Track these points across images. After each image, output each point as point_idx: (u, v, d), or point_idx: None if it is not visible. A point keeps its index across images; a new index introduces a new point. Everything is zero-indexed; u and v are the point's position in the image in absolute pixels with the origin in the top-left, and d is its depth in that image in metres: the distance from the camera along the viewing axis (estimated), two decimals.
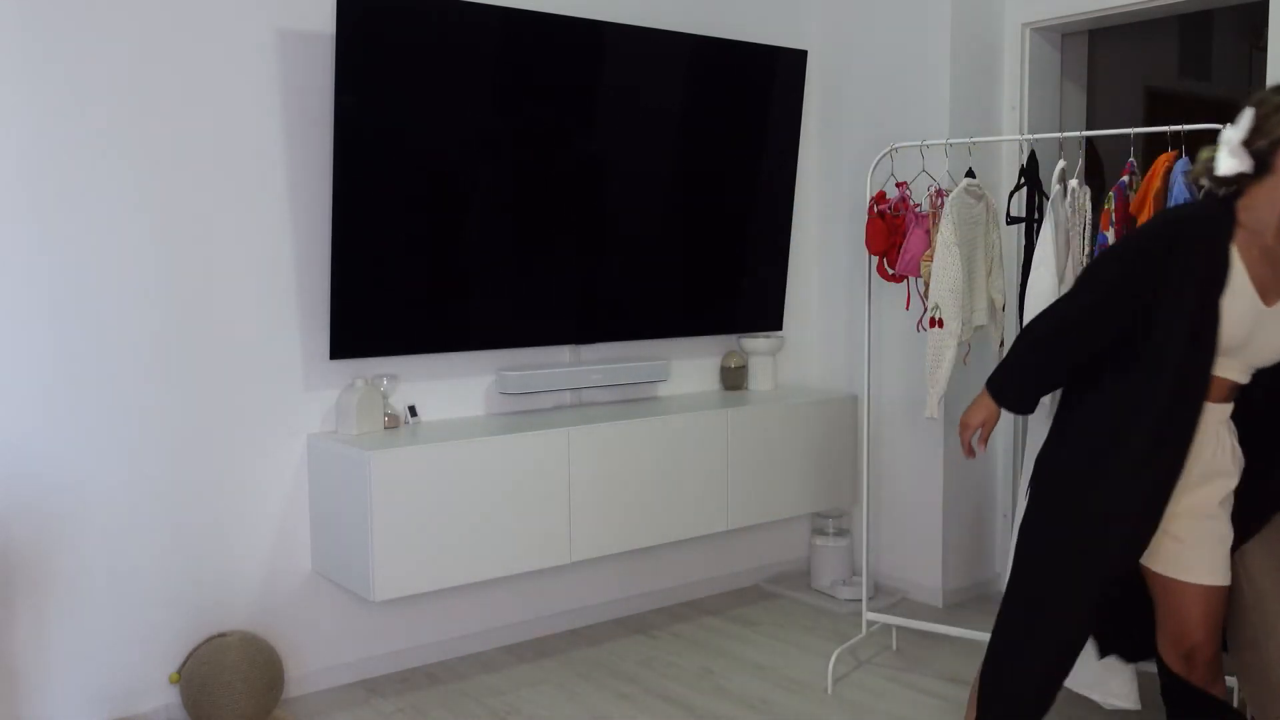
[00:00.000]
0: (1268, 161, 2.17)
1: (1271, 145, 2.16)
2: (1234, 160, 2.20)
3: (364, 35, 3.23)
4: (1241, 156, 2.19)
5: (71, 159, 3.02)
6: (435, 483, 3.29)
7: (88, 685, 3.14)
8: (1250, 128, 2.19)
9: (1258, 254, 2.19)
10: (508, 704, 3.39)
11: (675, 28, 4.05)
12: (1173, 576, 2.32)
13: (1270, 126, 2.16)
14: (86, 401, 3.08)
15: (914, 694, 3.47)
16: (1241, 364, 2.24)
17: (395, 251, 3.43)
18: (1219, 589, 2.31)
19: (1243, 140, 2.20)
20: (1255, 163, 2.19)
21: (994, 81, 4.25)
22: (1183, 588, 2.31)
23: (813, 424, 4.23)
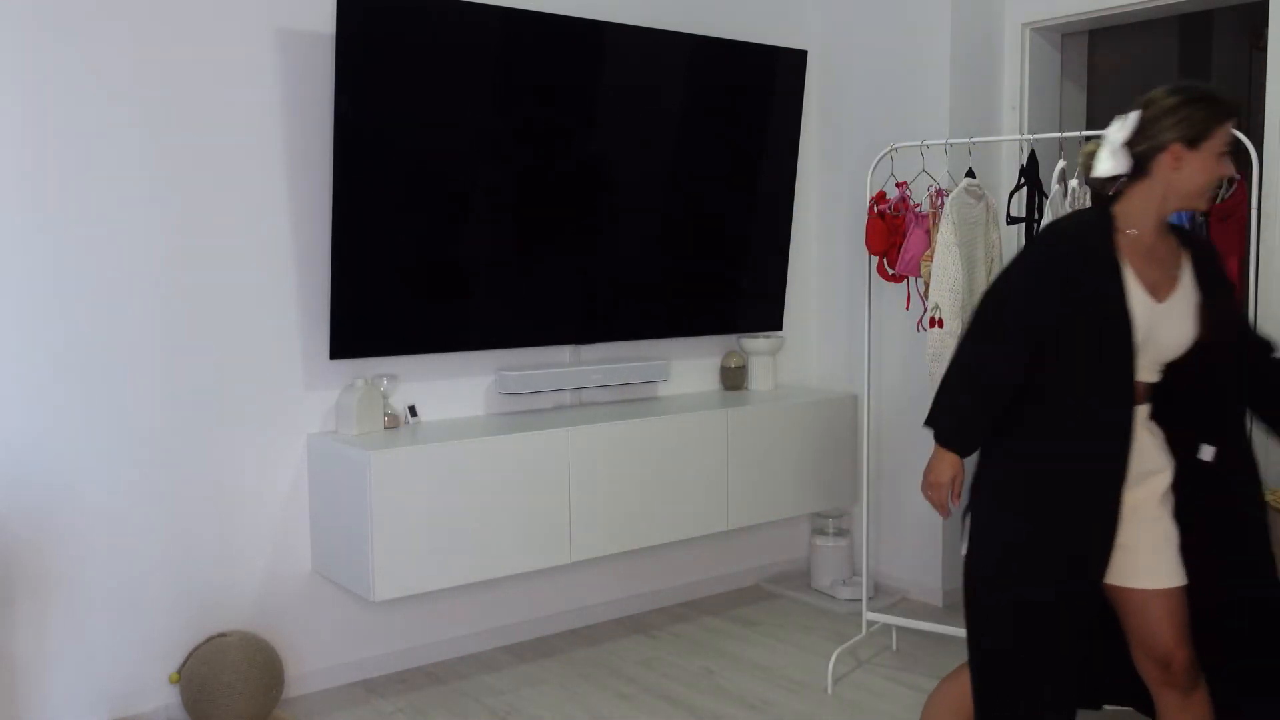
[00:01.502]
0: (1146, 165, 2.21)
1: (1152, 149, 2.20)
2: (1113, 162, 2.23)
3: (364, 35, 3.23)
4: (1122, 158, 2.23)
5: (71, 159, 3.02)
6: (435, 483, 3.28)
7: (88, 685, 3.14)
8: (1134, 130, 2.22)
9: (1141, 254, 2.23)
10: (508, 704, 3.39)
11: (675, 28, 4.05)
12: (1130, 586, 2.27)
13: (1155, 131, 2.19)
14: (86, 402, 3.08)
15: (914, 694, 3.46)
16: (1149, 363, 2.25)
17: (395, 251, 3.43)
18: (1177, 590, 2.26)
19: (1125, 142, 2.23)
20: (1134, 165, 2.22)
21: (994, 81, 4.25)
22: (1142, 596, 2.27)
23: (813, 424, 4.23)
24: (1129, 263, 2.21)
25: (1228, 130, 2.20)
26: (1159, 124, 2.19)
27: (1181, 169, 2.19)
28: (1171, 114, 2.18)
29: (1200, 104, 2.18)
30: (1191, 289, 2.27)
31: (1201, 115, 2.17)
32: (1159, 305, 2.22)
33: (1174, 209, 2.24)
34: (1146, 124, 2.21)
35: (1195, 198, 2.24)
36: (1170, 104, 2.19)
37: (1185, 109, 2.18)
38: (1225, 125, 2.19)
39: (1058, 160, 3.09)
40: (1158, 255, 2.25)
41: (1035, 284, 2.24)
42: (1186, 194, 2.22)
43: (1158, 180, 2.21)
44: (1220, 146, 2.20)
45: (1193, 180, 2.20)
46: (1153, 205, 2.23)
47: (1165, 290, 2.24)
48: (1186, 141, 2.18)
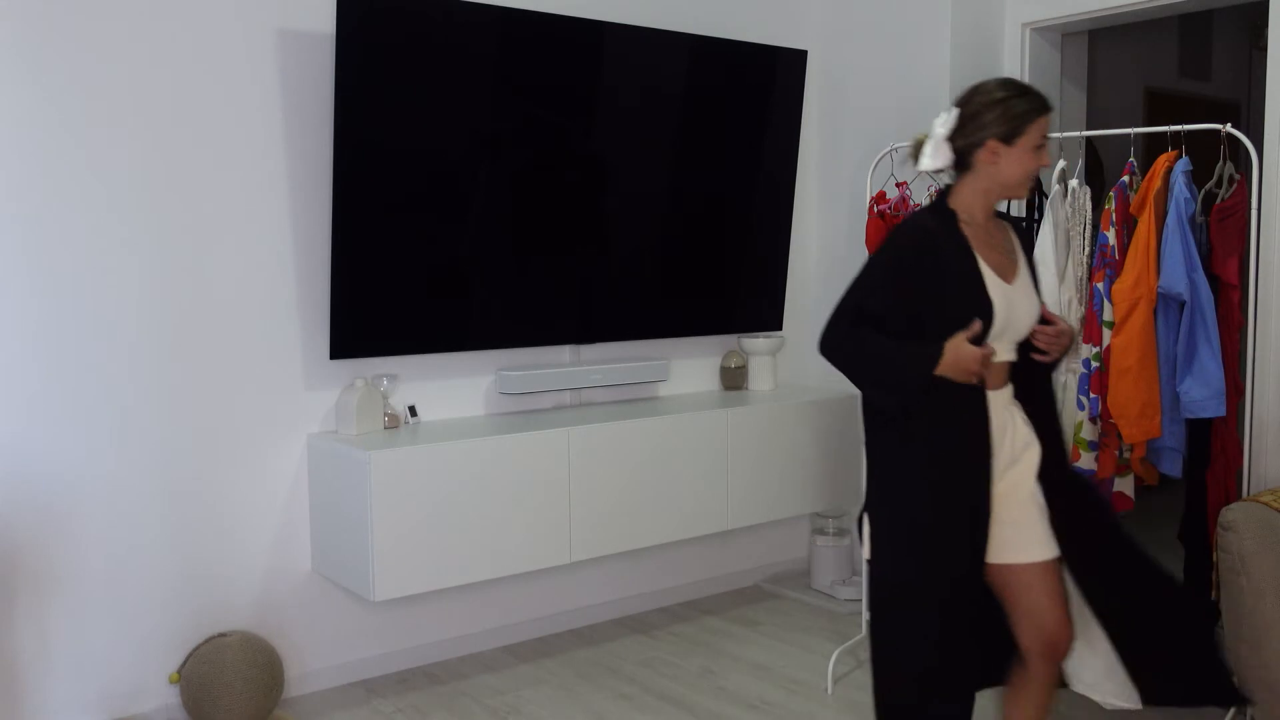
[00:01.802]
0: (967, 159, 2.33)
1: (971, 145, 2.31)
2: (936, 156, 2.34)
3: (364, 35, 3.23)
4: (944, 153, 2.33)
5: (72, 157, 3.02)
6: (435, 483, 3.28)
7: (88, 685, 3.14)
8: (954, 126, 2.32)
9: (983, 242, 2.35)
10: (508, 704, 3.39)
11: (675, 28, 4.05)
12: (1011, 562, 2.36)
13: (971, 129, 2.30)
14: (87, 402, 3.08)
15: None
16: (1007, 343, 2.35)
17: (395, 251, 3.43)
18: (1054, 562, 2.37)
19: (946, 137, 2.33)
20: (956, 159, 2.34)
21: None
22: (1024, 570, 2.35)
23: (813, 424, 4.23)
24: (978, 250, 2.33)
25: (1043, 125, 2.30)
26: (976, 121, 2.30)
27: (999, 163, 2.30)
28: (988, 111, 2.29)
29: (1014, 101, 2.28)
30: (1026, 267, 2.41)
31: (1015, 112, 2.27)
32: (1010, 286, 2.34)
33: (998, 199, 2.37)
34: (965, 120, 2.32)
35: (1016, 188, 2.35)
36: (986, 101, 2.29)
37: (1000, 106, 2.28)
38: (1039, 120, 2.29)
39: (1058, 160, 3.09)
40: (995, 241, 2.38)
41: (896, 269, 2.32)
42: (1006, 185, 2.33)
43: (980, 173, 2.32)
44: (1035, 140, 2.29)
45: (1011, 173, 2.31)
46: (979, 196, 2.35)
47: (1011, 272, 2.36)
48: (1002, 137, 2.28)
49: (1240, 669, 2.70)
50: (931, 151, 2.35)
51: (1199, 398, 2.89)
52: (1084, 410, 2.96)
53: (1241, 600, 2.65)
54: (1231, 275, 3.05)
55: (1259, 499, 2.79)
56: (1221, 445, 3.23)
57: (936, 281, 2.29)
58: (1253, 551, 2.65)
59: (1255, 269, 3.15)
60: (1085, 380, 2.97)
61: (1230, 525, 2.69)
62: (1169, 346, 2.95)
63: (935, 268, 2.30)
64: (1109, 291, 2.93)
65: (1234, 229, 3.05)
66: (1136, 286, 2.91)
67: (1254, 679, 2.66)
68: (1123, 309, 2.91)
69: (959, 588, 2.33)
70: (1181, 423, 3.03)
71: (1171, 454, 3.03)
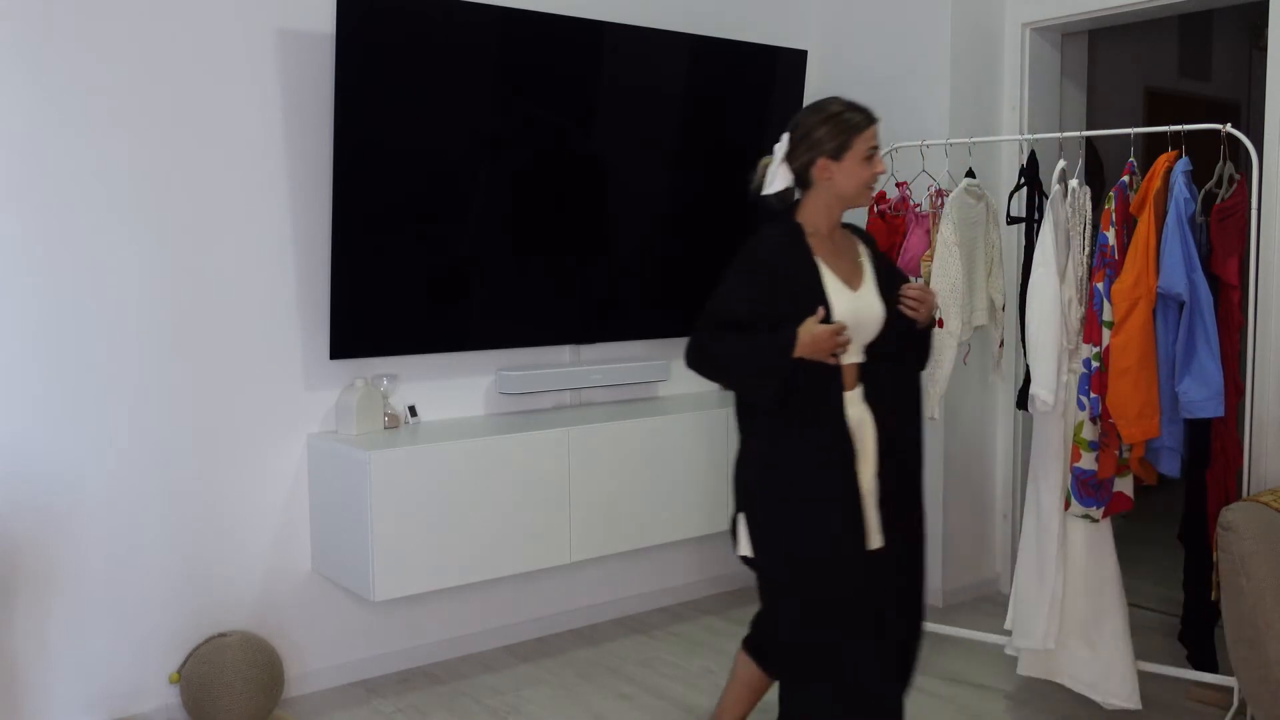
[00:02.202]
0: (806, 177, 2.49)
1: (805, 164, 2.47)
2: (776, 180, 2.52)
3: (364, 35, 3.23)
4: (783, 175, 2.51)
5: (72, 157, 3.02)
6: (435, 483, 3.28)
7: (88, 685, 3.14)
8: (787, 150, 2.50)
9: (829, 252, 2.50)
10: (508, 704, 3.39)
11: (675, 28, 4.05)
12: None
13: (802, 150, 2.47)
14: (87, 402, 3.08)
15: (914, 694, 3.46)
16: (856, 346, 2.48)
17: (395, 251, 3.43)
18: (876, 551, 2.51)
19: (783, 160, 2.51)
20: (796, 178, 2.51)
21: (994, 81, 4.25)
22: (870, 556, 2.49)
23: None
24: (823, 260, 2.48)
25: (868, 137, 2.46)
26: (806, 142, 2.47)
27: (833, 177, 2.46)
28: (814, 131, 2.46)
29: (832, 123, 2.44)
30: (873, 275, 2.55)
31: (836, 130, 2.44)
32: (855, 293, 2.49)
33: (840, 210, 2.52)
34: (796, 143, 2.49)
35: (855, 198, 2.50)
36: (812, 123, 2.46)
37: (824, 126, 2.45)
38: (863, 134, 2.45)
39: (1058, 160, 3.09)
40: (841, 250, 2.54)
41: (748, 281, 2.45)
42: (844, 197, 2.49)
43: (819, 189, 2.49)
44: (862, 153, 2.45)
45: (846, 185, 2.47)
46: (822, 210, 2.51)
47: (857, 280, 2.52)
48: (830, 154, 2.44)
49: (1240, 669, 2.70)
50: (772, 175, 2.52)
51: (1198, 398, 2.89)
52: (1084, 410, 2.96)
53: (1241, 600, 2.65)
54: (1231, 275, 3.05)
55: (1259, 499, 2.79)
56: (1221, 445, 3.23)
57: (783, 289, 2.43)
58: (1253, 551, 2.65)
59: (1255, 269, 3.15)
60: (1085, 380, 2.97)
61: (1230, 525, 2.69)
62: (1168, 346, 2.95)
63: (782, 276, 2.44)
64: (1109, 291, 2.93)
65: (1234, 229, 3.05)
66: (1136, 286, 2.91)
67: (1254, 679, 2.66)
68: (1122, 309, 2.91)
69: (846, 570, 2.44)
70: (1180, 423, 3.03)
71: (1170, 454, 3.03)
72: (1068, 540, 3.12)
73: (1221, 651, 3.21)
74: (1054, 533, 3.09)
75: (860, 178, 2.47)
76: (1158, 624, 3.94)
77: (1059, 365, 3.01)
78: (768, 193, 2.54)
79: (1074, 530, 3.12)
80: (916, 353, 2.64)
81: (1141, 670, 3.15)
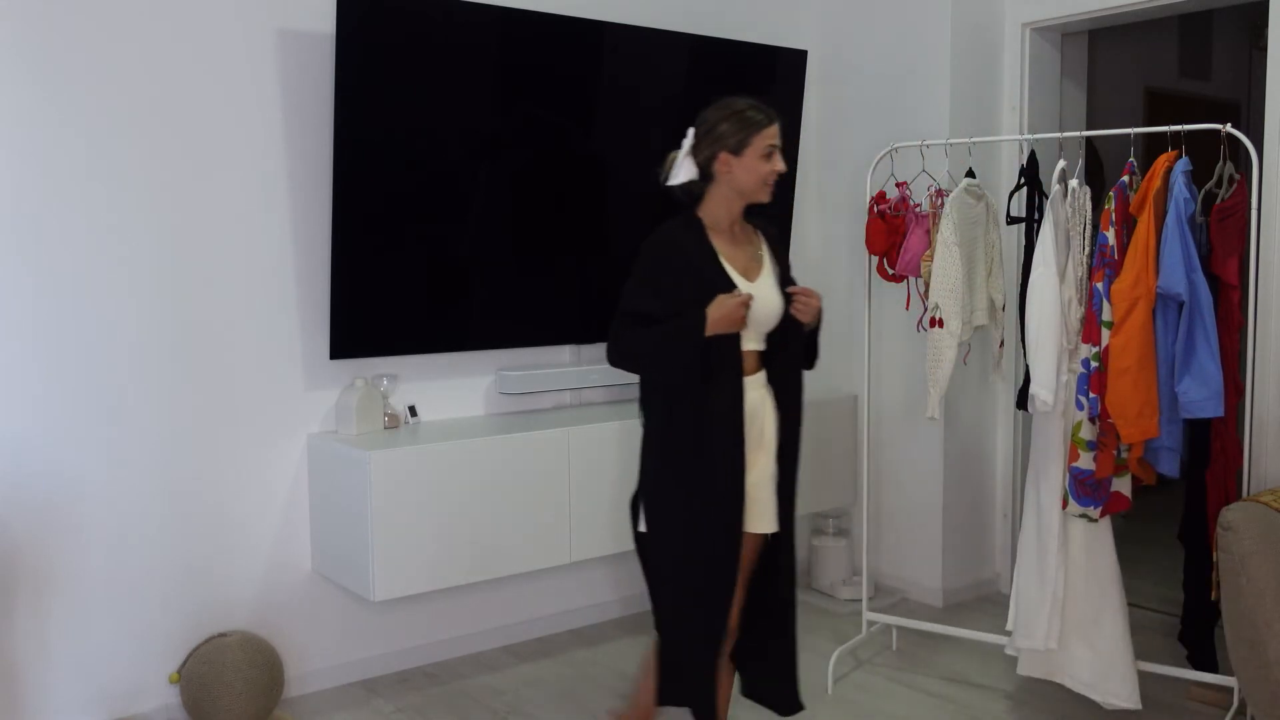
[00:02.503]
0: (709, 171, 2.60)
1: (708, 159, 2.59)
2: (681, 172, 2.63)
3: (364, 35, 3.23)
4: (689, 167, 2.62)
5: (72, 157, 3.02)
6: (435, 483, 3.28)
7: (88, 685, 3.14)
8: (692, 144, 2.61)
9: (728, 244, 2.63)
10: (508, 704, 3.39)
11: (675, 28, 4.05)
12: (750, 532, 2.64)
13: (705, 144, 2.59)
14: (87, 402, 3.08)
15: (914, 694, 3.46)
16: (754, 334, 2.61)
17: (395, 251, 3.43)
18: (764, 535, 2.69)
19: (688, 153, 2.62)
20: (701, 172, 2.61)
21: (994, 81, 4.25)
22: (752, 539, 2.66)
23: (813, 424, 4.21)
24: (722, 252, 2.60)
25: (768, 135, 2.57)
26: (709, 137, 2.59)
27: (733, 172, 2.58)
28: (716, 127, 2.58)
29: (736, 118, 2.57)
30: (772, 266, 2.68)
31: (737, 127, 2.56)
32: (753, 284, 2.61)
33: (742, 204, 2.63)
34: (700, 138, 2.61)
35: (754, 193, 2.61)
36: (715, 119, 2.59)
37: (724, 124, 2.57)
38: (763, 131, 2.57)
39: (1058, 160, 3.09)
40: (741, 243, 2.66)
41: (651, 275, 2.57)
42: (743, 192, 2.61)
43: (720, 183, 2.60)
44: (762, 150, 2.57)
45: (745, 180, 2.59)
46: (723, 204, 2.62)
47: (755, 272, 2.64)
48: (731, 149, 2.56)
49: (1240, 669, 2.70)
50: (679, 166, 2.63)
51: (1197, 398, 2.89)
52: (1083, 410, 2.96)
53: (1241, 600, 2.65)
54: (1231, 275, 3.05)
55: (1259, 499, 2.79)
56: (1221, 445, 3.23)
57: (687, 281, 2.54)
58: (1253, 551, 2.65)
59: (1255, 269, 3.15)
60: (1084, 380, 2.97)
61: (1230, 525, 2.69)
62: (1168, 346, 2.95)
63: (685, 269, 2.55)
64: (1108, 291, 2.93)
65: (1234, 229, 3.05)
66: (1135, 286, 2.90)
67: (1254, 679, 2.66)
68: (1122, 309, 2.91)
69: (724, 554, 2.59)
70: (1179, 423, 3.02)
71: (1169, 454, 3.03)
72: (1069, 540, 3.12)
73: (1221, 651, 3.21)
74: (1054, 533, 3.09)
75: (759, 173, 2.58)
76: (1158, 624, 3.94)
77: (1058, 365, 3.01)
78: (672, 184, 2.65)
79: (1074, 530, 3.12)
80: (807, 352, 2.79)
81: (1141, 670, 3.15)
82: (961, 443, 4.24)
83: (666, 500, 2.63)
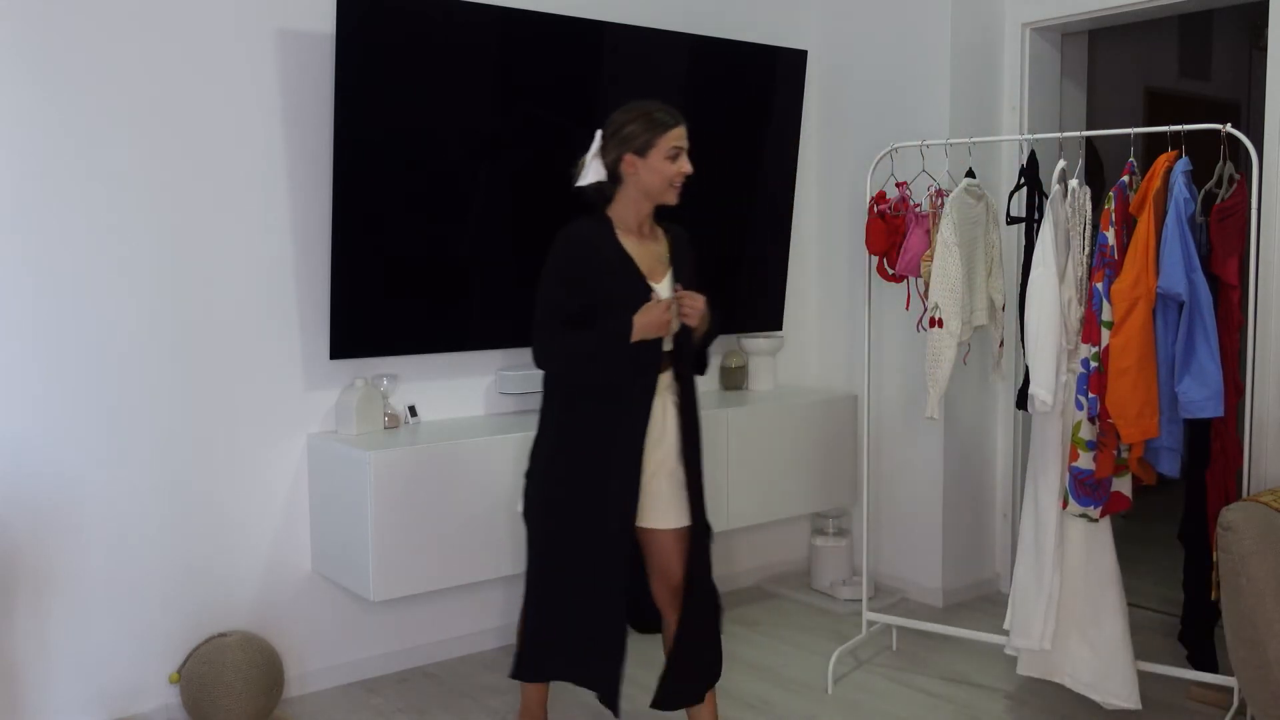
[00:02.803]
0: (617, 172, 2.69)
1: (615, 161, 2.68)
2: (590, 173, 2.72)
3: (364, 35, 3.23)
4: (596, 169, 2.71)
5: (72, 157, 3.02)
6: (435, 483, 3.29)
7: (88, 685, 3.14)
8: (599, 146, 2.70)
9: (634, 243, 2.72)
10: (508, 704, 3.39)
11: (675, 28, 4.05)
12: (655, 527, 2.75)
13: (612, 146, 2.68)
14: (87, 402, 3.08)
15: (914, 694, 3.47)
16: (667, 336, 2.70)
17: (395, 251, 3.43)
18: (688, 529, 2.77)
19: (597, 154, 2.71)
20: (609, 173, 2.70)
21: (994, 81, 4.25)
22: (664, 534, 2.76)
23: (813, 424, 4.23)
24: (630, 251, 2.69)
25: (672, 137, 2.66)
26: (615, 139, 2.68)
27: (639, 173, 2.67)
28: (622, 130, 2.67)
29: (640, 121, 2.65)
30: (672, 270, 2.78)
31: (641, 129, 2.65)
32: (659, 285, 2.72)
33: (649, 205, 2.72)
34: (607, 140, 2.69)
35: (661, 194, 2.71)
36: (621, 122, 2.67)
37: (629, 126, 2.66)
38: (667, 134, 2.65)
39: (1058, 160, 3.09)
40: (647, 244, 2.76)
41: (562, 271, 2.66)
42: (649, 193, 2.70)
43: (627, 184, 2.69)
44: (666, 152, 2.66)
45: (650, 182, 2.68)
46: (631, 204, 2.71)
47: (660, 273, 2.75)
48: (636, 151, 2.65)
49: (1240, 669, 2.70)
50: (588, 168, 2.72)
51: (1197, 398, 2.89)
52: (1082, 410, 2.96)
53: (1241, 600, 2.65)
54: (1231, 275, 3.05)
55: (1259, 499, 2.79)
56: (1221, 445, 3.24)
57: (596, 278, 2.64)
58: (1253, 551, 2.65)
59: (1255, 269, 3.15)
60: (1084, 380, 2.97)
61: (1230, 525, 2.69)
62: (1168, 347, 2.95)
63: (596, 266, 2.65)
64: (1108, 291, 2.93)
65: (1234, 229, 3.05)
66: (1135, 286, 2.90)
67: (1254, 679, 2.66)
68: (1121, 309, 2.91)
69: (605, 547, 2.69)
70: (1180, 423, 3.03)
71: (1169, 454, 3.03)
72: (1067, 540, 3.12)
73: (1221, 651, 3.21)
74: (1051, 532, 3.09)
75: (664, 175, 2.67)
76: (1158, 624, 3.94)
77: (1058, 365, 3.01)
78: (581, 184, 2.73)
79: (1074, 530, 3.12)
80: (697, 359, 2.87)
81: (1141, 670, 3.15)
82: (961, 443, 4.24)
83: (554, 486, 2.74)
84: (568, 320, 2.64)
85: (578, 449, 2.71)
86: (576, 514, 2.71)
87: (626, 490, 2.67)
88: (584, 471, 2.70)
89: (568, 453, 2.72)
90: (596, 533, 2.69)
